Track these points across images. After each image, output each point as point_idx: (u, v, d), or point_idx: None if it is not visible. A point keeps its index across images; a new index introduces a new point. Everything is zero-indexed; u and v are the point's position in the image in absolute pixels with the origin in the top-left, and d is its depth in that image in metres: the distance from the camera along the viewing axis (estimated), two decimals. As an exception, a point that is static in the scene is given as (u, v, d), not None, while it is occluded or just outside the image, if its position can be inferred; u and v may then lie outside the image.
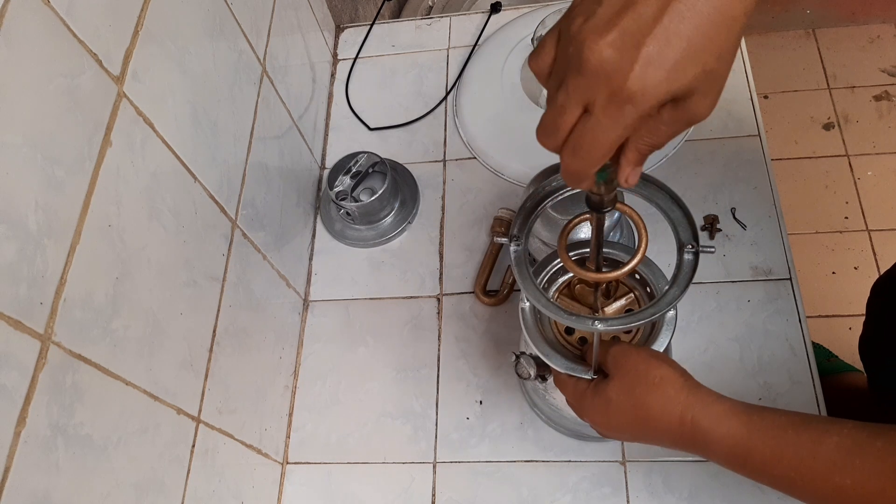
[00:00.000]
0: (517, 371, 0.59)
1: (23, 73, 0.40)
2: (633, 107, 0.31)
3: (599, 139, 0.32)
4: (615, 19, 0.30)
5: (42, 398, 0.41)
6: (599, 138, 0.32)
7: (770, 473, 0.45)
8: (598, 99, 0.31)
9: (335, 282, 0.87)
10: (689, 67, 0.30)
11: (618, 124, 0.32)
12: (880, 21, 1.72)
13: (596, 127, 0.32)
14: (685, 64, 0.30)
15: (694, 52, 0.30)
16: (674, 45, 0.30)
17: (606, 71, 0.30)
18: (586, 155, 0.33)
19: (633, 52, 0.30)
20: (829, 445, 0.42)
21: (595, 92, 0.31)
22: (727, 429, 0.46)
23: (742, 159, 0.84)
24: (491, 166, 0.90)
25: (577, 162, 0.34)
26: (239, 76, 0.69)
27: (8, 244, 0.39)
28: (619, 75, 0.30)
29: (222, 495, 0.63)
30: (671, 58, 0.30)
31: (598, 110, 0.31)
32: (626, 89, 0.30)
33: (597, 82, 0.30)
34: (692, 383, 0.49)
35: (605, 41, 0.30)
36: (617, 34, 0.30)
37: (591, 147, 0.33)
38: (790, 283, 0.77)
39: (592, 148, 0.33)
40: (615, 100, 0.31)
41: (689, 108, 0.32)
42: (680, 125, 0.33)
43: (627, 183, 0.37)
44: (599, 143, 0.33)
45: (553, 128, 0.34)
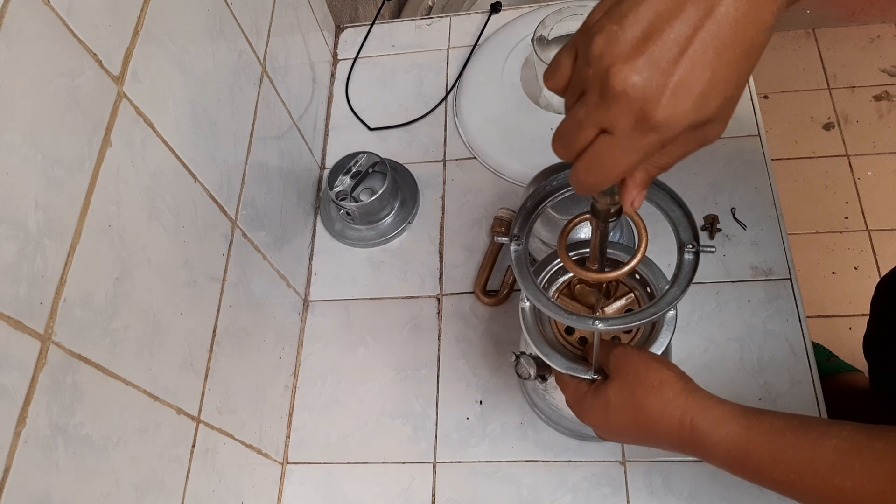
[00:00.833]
0: (517, 371, 0.59)
1: (23, 73, 0.40)
2: (658, 135, 0.31)
3: (618, 162, 0.32)
4: (641, 46, 0.29)
5: (42, 398, 0.41)
6: (617, 160, 0.32)
7: (769, 476, 0.45)
8: (621, 124, 0.31)
9: (335, 282, 0.87)
10: (714, 97, 0.30)
11: (639, 150, 0.32)
12: (880, 21, 1.72)
13: (616, 149, 0.32)
14: (711, 93, 0.30)
15: (718, 81, 0.30)
16: (700, 76, 0.29)
17: (632, 99, 0.30)
18: (601, 173, 0.33)
19: (661, 81, 0.29)
20: (828, 447, 0.42)
21: (618, 117, 0.31)
22: (726, 432, 0.46)
23: (742, 159, 0.84)
24: (491, 166, 0.90)
25: (591, 178, 0.34)
26: (239, 76, 0.69)
27: (8, 244, 0.39)
28: (646, 104, 0.30)
29: (222, 495, 0.63)
30: (697, 88, 0.30)
31: (620, 134, 0.31)
32: (652, 118, 0.30)
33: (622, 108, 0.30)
34: (692, 387, 0.49)
35: (631, 68, 0.29)
36: (644, 62, 0.29)
37: (607, 167, 0.33)
38: (790, 283, 0.77)
39: (609, 168, 0.33)
40: (640, 127, 0.30)
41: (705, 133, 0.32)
42: (692, 148, 0.33)
43: (633, 206, 0.36)
44: (617, 165, 0.33)
45: (570, 141, 0.33)
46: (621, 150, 0.32)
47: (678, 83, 0.29)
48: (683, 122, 0.30)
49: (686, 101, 0.30)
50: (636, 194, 0.36)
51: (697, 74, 0.29)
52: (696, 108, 0.30)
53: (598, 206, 0.41)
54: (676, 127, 0.30)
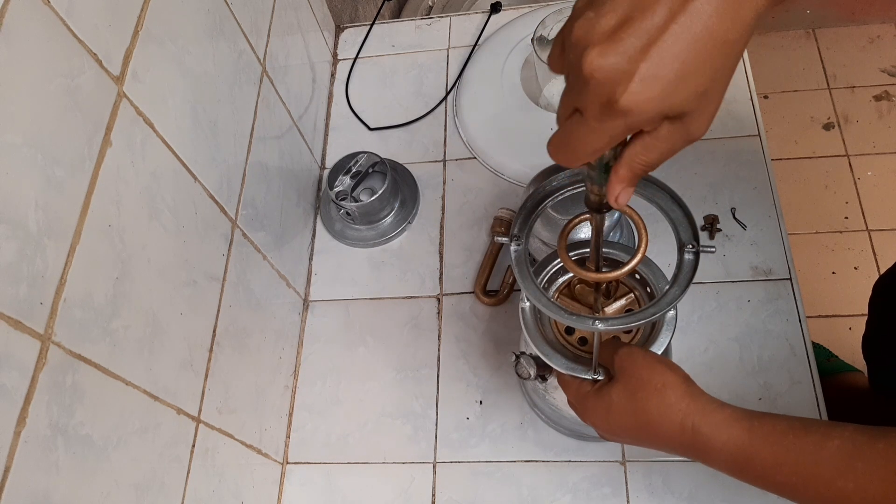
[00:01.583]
0: (517, 371, 0.59)
1: (23, 73, 0.40)
2: (623, 120, 0.32)
3: (584, 141, 0.34)
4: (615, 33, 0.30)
5: (42, 398, 0.41)
6: (584, 140, 0.34)
7: (772, 479, 0.45)
8: (590, 106, 0.32)
9: (335, 282, 0.87)
10: (682, 88, 0.31)
11: (604, 133, 0.33)
12: (880, 21, 1.72)
13: (582, 128, 0.33)
14: (678, 84, 0.31)
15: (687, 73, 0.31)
16: (668, 65, 0.30)
17: (600, 82, 0.31)
18: (569, 151, 0.35)
19: (629, 67, 0.30)
20: (831, 450, 0.42)
21: (588, 99, 0.32)
22: (728, 436, 0.46)
23: (742, 159, 0.84)
24: (491, 166, 0.90)
25: (559, 153, 0.35)
26: (239, 76, 0.69)
27: (8, 244, 0.39)
28: (613, 89, 0.31)
29: (222, 495, 0.63)
30: (665, 77, 0.30)
31: (588, 116, 0.32)
32: (619, 103, 0.31)
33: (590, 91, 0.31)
34: (694, 390, 0.49)
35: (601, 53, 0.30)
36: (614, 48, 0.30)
37: (574, 146, 0.34)
38: (790, 283, 0.77)
39: (576, 147, 0.34)
40: (606, 110, 0.31)
41: (685, 126, 0.33)
42: (675, 143, 0.34)
43: (618, 203, 0.38)
44: (583, 145, 0.34)
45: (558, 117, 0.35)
46: (588, 130, 0.33)
47: (645, 71, 0.30)
48: (649, 109, 0.31)
49: (652, 88, 0.30)
50: (620, 190, 0.37)
51: (666, 64, 0.30)
52: (663, 98, 0.31)
53: (591, 197, 0.42)
54: (642, 114, 0.31)
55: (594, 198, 0.41)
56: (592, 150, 0.34)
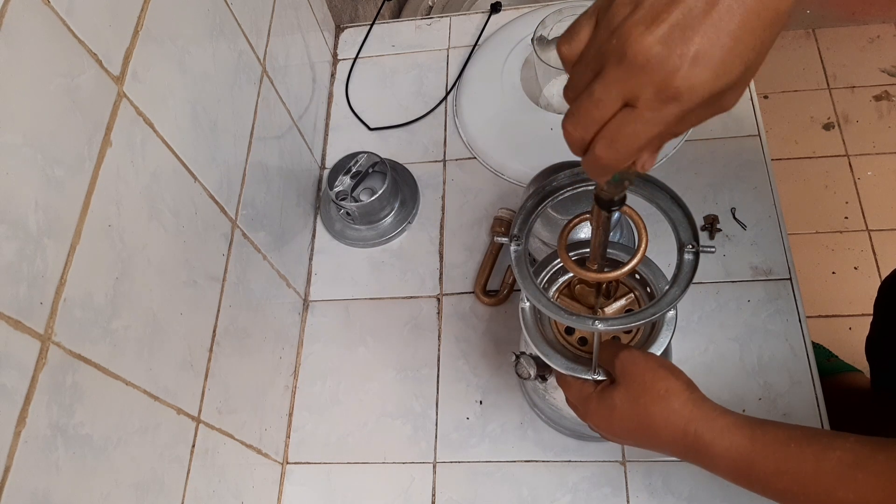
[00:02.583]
0: (517, 371, 0.59)
1: (23, 73, 0.40)
2: (679, 104, 0.30)
3: (640, 134, 0.31)
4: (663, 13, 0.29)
5: (42, 398, 0.41)
6: (640, 133, 0.31)
7: (773, 487, 0.44)
8: (642, 94, 0.30)
9: (335, 282, 0.87)
10: (736, 65, 0.29)
11: (661, 121, 0.31)
12: (880, 21, 1.72)
13: (638, 121, 0.31)
14: (732, 61, 0.29)
15: (740, 49, 0.29)
16: (722, 43, 0.29)
17: (653, 67, 0.29)
18: (623, 148, 0.32)
19: (681, 49, 0.29)
20: (832, 460, 0.42)
21: (639, 87, 0.30)
22: (730, 442, 0.46)
23: (742, 159, 0.84)
24: (491, 166, 0.90)
25: (612, 154, 0.32)
26: (239, 76, 0.69)
27: (8, 244, 0.39)
28: (667, 72, 0.29)
29: (222, 495, 0.63)
30: (718, 56, 0.29)
31: (642, 105, 0.30)
32: (673, 87, 0.29)
33: (642, 78, 0.29)
34: (698, 396, 0.48)
35: (653, 36, 0.29)
36: (666, 29, 0.29)
37: (629, 140, 0.32)
38: (790, 283, 0.77)
39: (631, 141, 0.32)
40: (661, 96, 0.30)
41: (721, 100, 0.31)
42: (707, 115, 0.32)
43: (644, 168, 0.35)
44: (639, 138, 0.31)
45: (587, 119, 0.32)
46: (643, 122, 0.31)
47: (699, 51, 0.29)
48: (704, 91, 0.29)
49: (707, 69, 0.29)
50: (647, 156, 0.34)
51: (720, 41, 0.29)
52: (717, 77, 0.29)
53: (603, 195, 0.40)
54: (698, 96, 0.30)
55: (605, 195, 0.40)
56: (647, 142, 0.32)
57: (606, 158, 0.33)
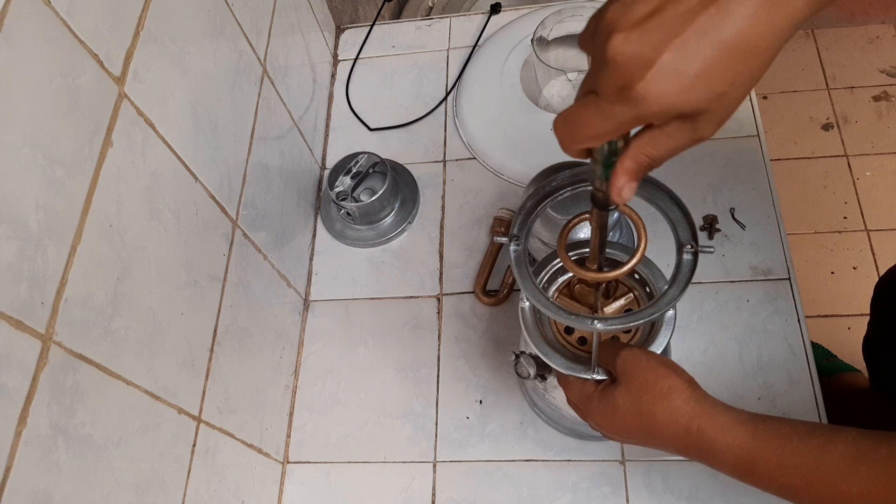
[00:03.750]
0: (517, 371, 0.60)
1: (23, 73, 0.40)
2: (634, 108, 0.31)
3: (590, 121, 0.33)
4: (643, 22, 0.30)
5: (43, 398, 0.41)
6: (591, 120, 0.33)
7: (776, 482, 0.45)
8: (604, 88, 0.32)
9: (335, 282, 0.87)
10: (701, 88, 0.30)
11: (613, 117, 0.32)
12: (880, 21, 1.72)
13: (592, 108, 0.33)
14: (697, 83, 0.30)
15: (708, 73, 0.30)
16: (690, 62, 0.30)
17: (619, 66, 0.30)
18: (574, 128, 0.34)
19: (650, 57, 0.30)
20: (835, 454, 0.42)
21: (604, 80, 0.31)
22: (732, 438, 0.46)
23: (741, 159, 0.84)
24: (491, 166, 0.90)
25: (564, 131, 0.35)
26: (239, 76, 0.69)
27: (9, 244, 0.39)
28: (631, 74, 0.30)
29: (223, 495, 0.63)
30: (684, 73, 0.30)
31: (601, 97, 0.32)
32: (634, 90, 0.30)
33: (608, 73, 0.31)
34: (700, 393, 0.49)
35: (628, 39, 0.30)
36: (639, 34, 0.30)
37: (581, 124, 0.34)
38: (789, 283, 0.77)
39: (582, 125, 0.34)
40: (620, 95, 0.31)
41: (694, 126, 0.33)
42: (682, 142, 0.34)
43: (621, 197, 0.37)
44: (588, 125, 0.33)
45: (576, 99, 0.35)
46: (597, 110, 0.32)
47: (665, 62, 0.30)
48: (662, 102, 0.31)
49: (669, 82, 0.30)
50: (624, 182, 0.36)
51: (687, 60, 0.30)
52: (679, 93, 0.30)
53: (598, 195, 0.41)
54: (654, 106, 0.31)
55: (600, 195, 0.41)
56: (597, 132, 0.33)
57: (559, 134, 0.35)
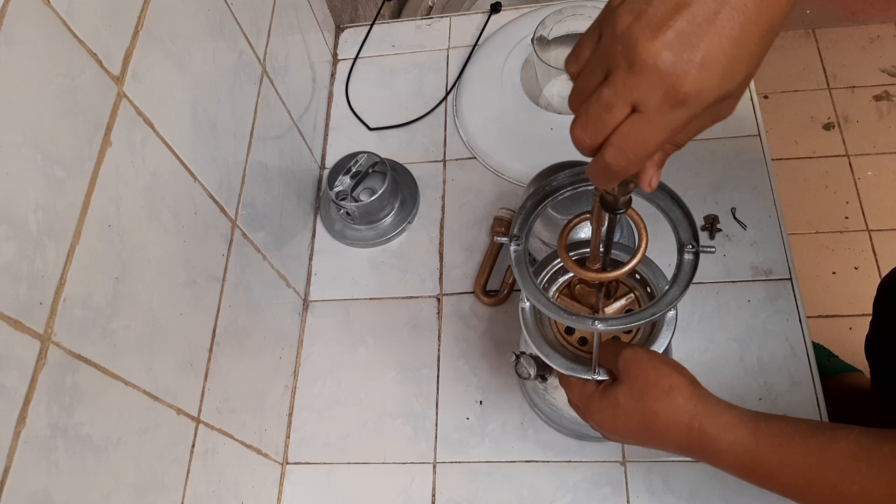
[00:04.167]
0: (517, 371, 0.59)
1: (23, 73, 0.40)
2: (686, 109, 0.30)
3: (649, 139, 0.32)
4: (669, 19, 0.29)
5: (42, 398, 0.41)
6: (649, 138, 0.32)
7: (778, 481, 0.45)
8: (650, 99, 0.30)
9: (335, 282, 0.87)
10: (739, 70, 0.30)
11: (669, 126, 0.31)
12: (880, 21, 1.72)
13: (647, 126, 0.31)
14: (736, 66, 0.30)
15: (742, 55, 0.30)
16: (726, 49, 0.29)
17: (661, 72, 0.29)
18: (632, 154, 0.32)
19: (689, 54, 0.29)
20: (836, 452, 0.42)
21: (648, 92, 0.30)
22: (735, 437, 0.46)
23: (742, 159, 0.84)
24: (491, 166, 0.90)
25: (622, 160, 0.33)
26: (239, 76, 0.69)
27: (8, 244, 0.39)
28: (676, 77, 0.29)
29: (222, 495, 0.63)
30: (724, 61, 0.30)
31: (650, 110, 0.31)
32: (682, 92, 0.30)
33: (651, 83, 0.30)
34: (701, 392, 0.49)
35: (660, 41, 0.29)
36: (673, 35, 0.29)
37: (639, 146, 0.32)
38: (790, 283, 0.77)
39: (641, 147, 0.32)
40: (670, 101, 0.30)
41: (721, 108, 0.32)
42: (707, 124, 0.33)
43: (650, 187, 0.36)
44: (648, 143, 0.32)
45: (597, 123, 0.32)
46: (652, 127, 0.31)
47: (705, 56, 0.29)
48: (711, 95, 0.30)
49: (714, 74, 0.30)
50: (653, 174, 0.35)
51: (724, 48, 0.29)
52: (723, 83, 0.30)
53: (608, 199, 0.40)
54: (704, 101, 0.30)
55: (610, 198, 0.40)
56: (656, 146, 0.32)
57: (616, 164, 0.33)
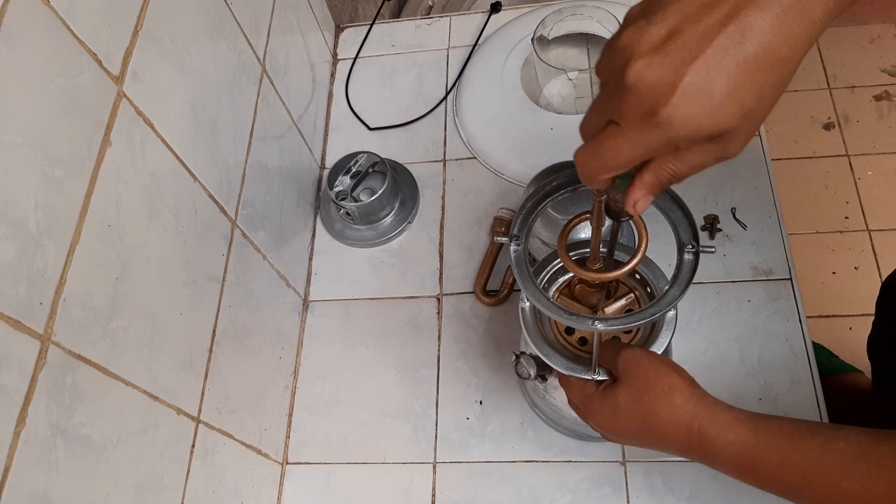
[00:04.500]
0: (517, 371, 0.59)
1: (23, 73, 0.40)
2: (663, 131, 0.31)
3: (619, 149, 0.32)
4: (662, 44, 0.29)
5: (42, 398, 0.41)
6: (619, 149, 0.32)
7: (777, 480, 0.45)
8: (627, 115, 0.31)
9: (335, 282, 0.87)
10: (731, 107, 0.30)
11: (641, 142, 0.32)
12: (880, 21, 1.72)
13: (618, 138, 0.32)
14: (725, 101, 0.29)
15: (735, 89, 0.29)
16: (715, 81, 0.29)
17: (643, 92, 0.30)
18: (600, 159, 0.33)
19: (674, 80, 0.29)
20: (836, 452, 0.42)
21: (627, 108, 0.31)
22: (734, 436, 0.46)
23: (742, 159, 0.84)
24: (491, 166, 0.90)
25: (591, 163, 0.34)
26: (239, 76, 0.69)
27: (8, 244, 0.39)
28: (655, 99, 0.30)
29: (222, 495, 0.63)
30: (710, 93, 0.29)
31: (625, 125, 0.31)
32: (659, 115, 0.30)
33: (631, 101, 0.30)
34: (700, 392, 0.49)
35: (649, 64, 0.29)
36: (660, 58, 0.29)
37: (607, 154, 0.33)
38: (790, 283, 0.77)
39: (609, 155, 0.33)
40: (646, 121, 0.30)
41: (723, 145, 0.32)
42: (708, 160, 0.33)
43: (635, 209, 0.36)
44: (617, 153, 0.33)
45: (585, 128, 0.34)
46: (624, 139, 0.32)
47: (689, 84, 0.29)
48: (692, 124, 0.30)
49: (696, 103, 0.29)
50: (640, 196, 0.36)
51: (712, 80, 0.29)
52: (707, 115, 0.30)
53: (611, 205, 0.41)
54: (683, 129, 0.30)
55: (614, 206, 0.41)
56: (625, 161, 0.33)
57: (585, 165, 0.35)
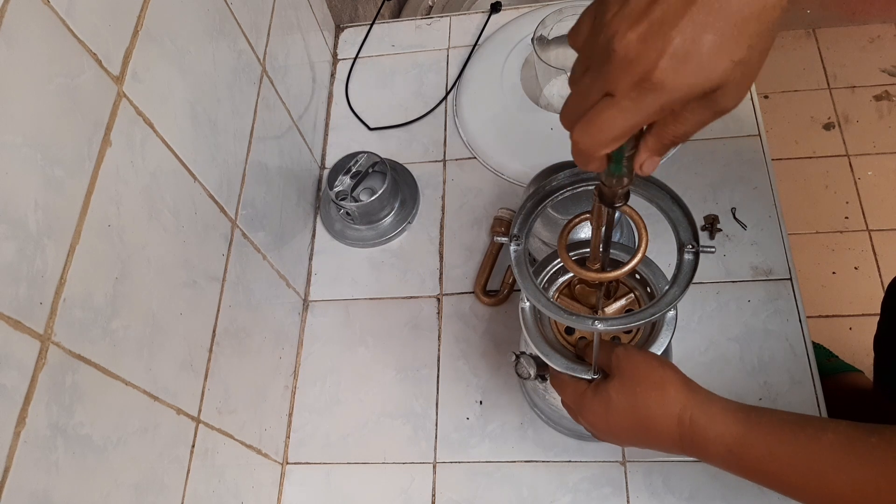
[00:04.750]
0: (517, 371, 0.59)
1: (23, 73, 0.40)
2: (657, 96, 0.30)
3: (615, 120, 0.32)
4: (645, 11, 0.30)
5: (42, 398, 0.41)
6: (615, 119, 0.32)
7: (766, 471, 0.45)
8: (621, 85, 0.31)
9: (335, 282, 0.87)
10: (719, 61, 0.30)
11: (637, 110, 0.31)
12: (880, 21, 1.72)
13: (614, 108, 0.32)
14: (714, 57, 0.30)
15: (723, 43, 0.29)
16: (702, 38, 0.29)
17: (632, 61, 0.30)
18: (597, 132, 0.33)
19: (660, 44, 0.29)
20: (825, 443, 0.42)
21: (619, 79, 0.31)
22: (725, 426, 0.46)
23: (742, 159, 0.84)
24: (491, 166, 0.90)
25: (587, 138, 0.33)
26: (239, 76, 0.69)
27: (8, 244, 0.39)
28: (646, 67, 0.30)
29: (222, 495, 0.63)
30: (699, 51, 0.29)
31: (620, 95, 0.31)
32: (651, 79, 0.30)
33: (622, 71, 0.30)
34: (692, 385, 0.49)
35: (634, 33, 0.30)
36: (646, 26, 0.29)
37: (603, 125, 0.32)
38: (790, 283, 0.77)
39: (605, 127, 0.32)
40: (639, 87, 0.30)
41: (717, 99, 0.32)
42: (706, 116, 0.33)
43: (642, 170, 0.36)
44: (613, 124, 0.32)
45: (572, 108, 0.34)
46: (619, 109, 0.32)
47: (678, 45, 0.29)
48: (684, 85, 0.30)
49: (686, 62, 0.29)
50: (646, 157, 0.35)
51: (699, 37, 0.29)
52: (698, 72, 0.30)
53: (604, 190, 0.40)
54: (676, 90, 0.30)
55: (607, 191, 0.40)
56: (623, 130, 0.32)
57: (582, 142, 0.34)
